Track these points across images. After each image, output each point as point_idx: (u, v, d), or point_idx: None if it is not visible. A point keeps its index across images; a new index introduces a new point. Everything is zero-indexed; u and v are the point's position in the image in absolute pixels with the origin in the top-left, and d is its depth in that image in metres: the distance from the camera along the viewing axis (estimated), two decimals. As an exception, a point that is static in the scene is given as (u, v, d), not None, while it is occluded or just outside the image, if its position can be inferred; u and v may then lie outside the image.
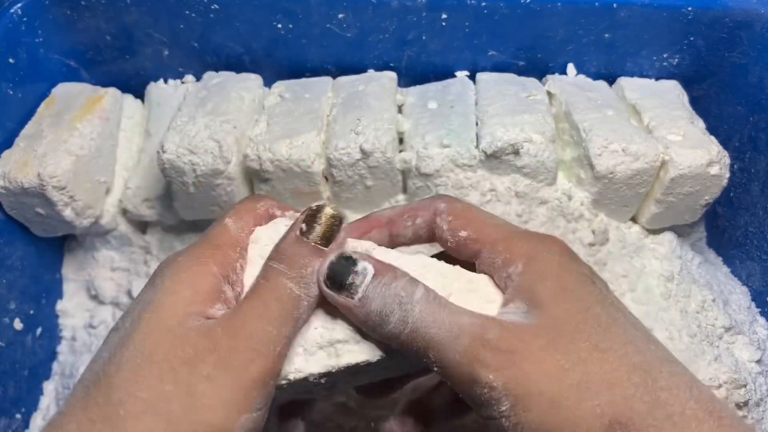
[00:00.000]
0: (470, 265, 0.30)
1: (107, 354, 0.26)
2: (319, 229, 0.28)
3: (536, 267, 0.27)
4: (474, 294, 0.28)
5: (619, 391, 0.24)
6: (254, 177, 0.47)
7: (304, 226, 0.28)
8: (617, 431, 0.23)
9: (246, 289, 0.28)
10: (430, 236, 0.31)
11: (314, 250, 0.27)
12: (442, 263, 0.29)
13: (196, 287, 0.27)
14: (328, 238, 0.28)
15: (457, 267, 0.30)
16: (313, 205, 0.28)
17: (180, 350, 0.25)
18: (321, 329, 0.28)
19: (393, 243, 0.32)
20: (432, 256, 0.30)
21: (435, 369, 0.27)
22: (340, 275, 0.27)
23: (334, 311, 0.28)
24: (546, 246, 0.28)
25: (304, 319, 0.28)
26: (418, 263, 0.29)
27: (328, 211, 0.28)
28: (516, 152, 0.45)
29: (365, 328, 0.28)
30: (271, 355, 0.26)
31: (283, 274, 0.27)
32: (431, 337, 0.26)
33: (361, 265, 0.27)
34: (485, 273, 0.29)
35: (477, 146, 0.46)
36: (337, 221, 0.28)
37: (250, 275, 0.29)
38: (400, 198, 0.49)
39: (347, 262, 0.27)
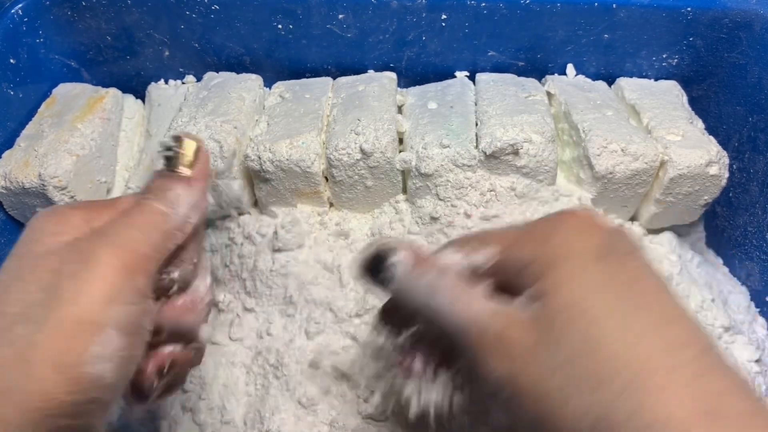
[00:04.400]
0: None
1: None
2: (178, 159, 0.31)
3: (546, 255, 0.26)
4: None
5: (603, 393, 0.22)
6: (255, 177, 0.47)
7: (163, 160, 0.31)
8: (603, 430, 0.22)
9: None
10: None
11: (174, 176, 0.31)
12: None
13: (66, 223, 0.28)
14: (188, 165, 0.31)
15: None
16: (170, 140, 0.32)
17: (47, 263, 0.26)
18: None
19: None
20: None
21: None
22: (374, 267, 0.29)
23: None
24: (559, 224, 0.27)
25: (176, 238, 0.30)
26: None
27: (186, 141, 0.32)
28: (515, 152, 0.45)
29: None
30: (136, 252, 0.27)
31: (150, 198, 0.30)
32: (450, 323, 0.27)
33: (396, 258, 0.28)
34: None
35: (476, 146, 0.46)
36: (193, 147, 0.32)
37: None
38: (400, 198, 0.49)
39: (382, 256, 0.29)
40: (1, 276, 0.27)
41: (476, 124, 0.48)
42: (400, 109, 0.52)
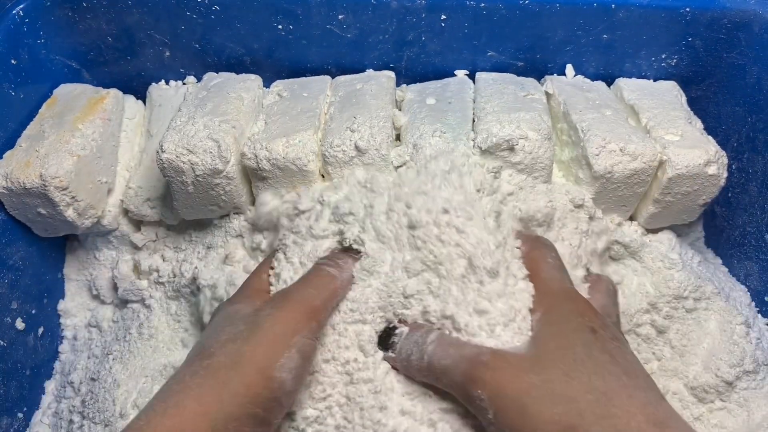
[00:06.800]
0: None
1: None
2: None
3: (548, 317, 0.36)
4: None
5: (574, 405, 0.30)
6: (252, 175, 0.47)
7: (339, 239, 0.42)
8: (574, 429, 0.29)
9: None
10: None
11: (348, 251, 0.41)
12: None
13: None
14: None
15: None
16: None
17: (249, 308, 0.37)
18: None
19: None
20: None
21: (451, 391, 0.36)
22: (384, 340, 0.39)
23: None
24: (562, 301, 0.37)
25: (340, 296, 0.39)
26: None
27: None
28: (511, 148, 0.45)
29: (402, 371, 0.38)
30: (312, 306, 0.37)
31: (324, 264, 0.40)
32: (442, 366, 0.35)
33: (399, 330, 0.39)
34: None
35: (473, 141, 0.46)
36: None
37: None
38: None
39: (390, 330, 0.39)
40: (211, 325, 0.38)
41: (473, 121, 0.48)
42: (399, 107, 0.52)
